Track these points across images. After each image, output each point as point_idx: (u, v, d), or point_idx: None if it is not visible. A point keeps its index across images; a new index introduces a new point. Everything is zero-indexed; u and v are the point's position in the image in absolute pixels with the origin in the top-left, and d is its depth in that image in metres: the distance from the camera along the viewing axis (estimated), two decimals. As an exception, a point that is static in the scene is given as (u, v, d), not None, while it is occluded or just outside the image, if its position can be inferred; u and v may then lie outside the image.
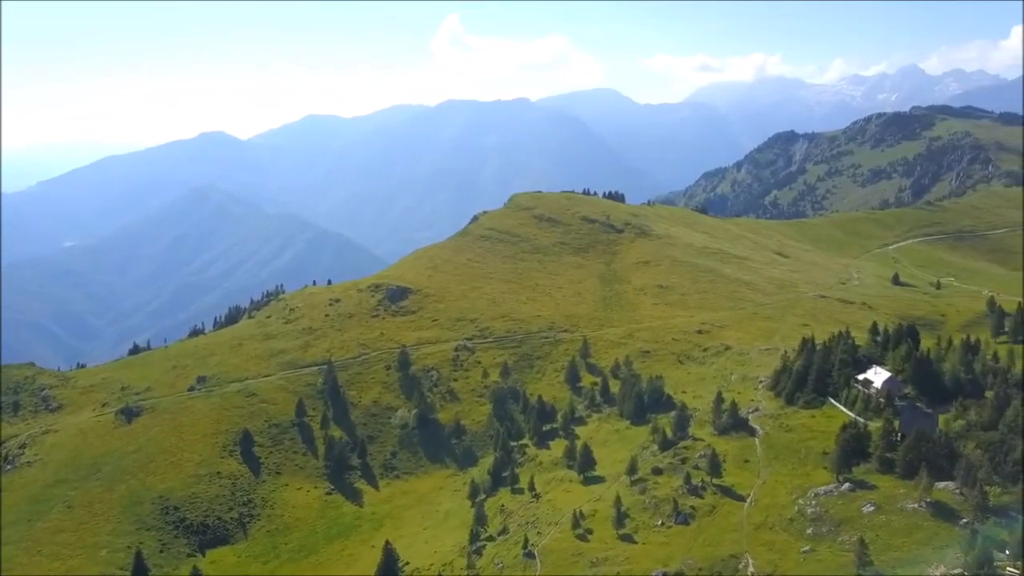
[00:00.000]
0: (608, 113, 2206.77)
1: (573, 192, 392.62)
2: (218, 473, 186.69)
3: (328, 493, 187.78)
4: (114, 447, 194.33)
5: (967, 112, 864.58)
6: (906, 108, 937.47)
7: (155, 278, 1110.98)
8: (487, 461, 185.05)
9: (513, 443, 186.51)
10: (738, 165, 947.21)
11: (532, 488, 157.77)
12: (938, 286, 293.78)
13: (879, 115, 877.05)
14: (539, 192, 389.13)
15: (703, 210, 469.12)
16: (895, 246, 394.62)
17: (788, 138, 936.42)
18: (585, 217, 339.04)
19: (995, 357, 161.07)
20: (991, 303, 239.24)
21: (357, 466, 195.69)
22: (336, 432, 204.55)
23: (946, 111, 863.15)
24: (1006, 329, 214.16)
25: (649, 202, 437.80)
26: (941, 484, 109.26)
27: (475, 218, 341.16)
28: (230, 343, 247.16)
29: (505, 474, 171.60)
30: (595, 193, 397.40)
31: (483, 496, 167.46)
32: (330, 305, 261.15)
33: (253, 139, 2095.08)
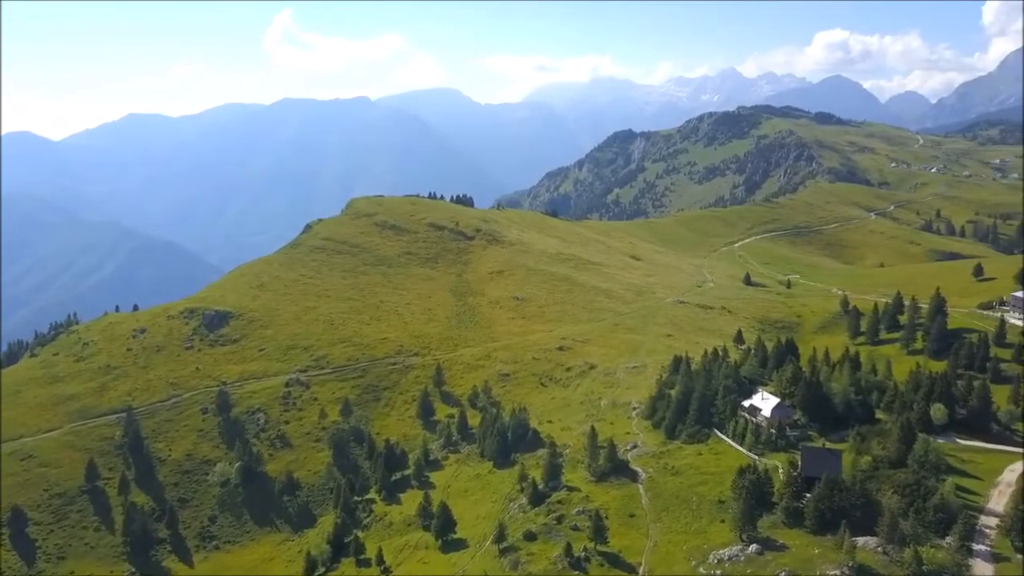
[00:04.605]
0: (449, 113, 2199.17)
1: (418, 196, 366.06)
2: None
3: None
4: None
5: (787, 112, 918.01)
6: (727, 108, 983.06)
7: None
8: (327, 522, 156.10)
9: (357, 498, 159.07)
10: (579, 164, 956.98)
11: (381, 560, 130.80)
12: (788, 285, 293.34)
13: (710, 114, 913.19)
14: (381, 196, 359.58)
15: (553, 213, 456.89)
16: (740, 243, 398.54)
17: (626, 137, 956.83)
18: (433, 224, 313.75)
19: (873, 369, 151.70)
20: (844, 303, 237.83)
21: (166, 539, 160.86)
22: (139, 497, 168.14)
23: (769, 111, 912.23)
24: (863, 330, 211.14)
25: (498, 205, 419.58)
26: (860, 540, 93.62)
27: (308, 227, 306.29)
28: (4, 390, 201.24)
29: (348, 540, 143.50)
30: (442, 197, 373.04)
31: (321, 570, 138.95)
32: (133, 337, 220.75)
33: (67, 140, 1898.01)
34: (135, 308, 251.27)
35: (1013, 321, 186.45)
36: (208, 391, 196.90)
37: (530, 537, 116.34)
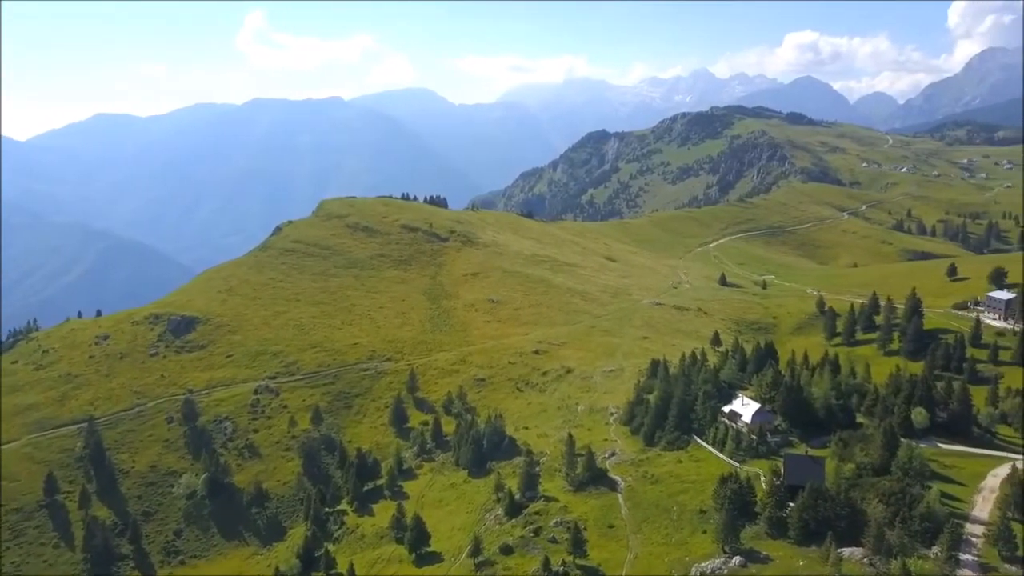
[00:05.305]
0: (423, 113, 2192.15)
1: (391, 197, 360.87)
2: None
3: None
4: None
5: (759, 112, 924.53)
6: (700, 109, 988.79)
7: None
8: (297, 534, 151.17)
9: (328, 510, 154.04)
10: (554, 164, 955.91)
11: (352, 575, 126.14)
12: (764, 286, 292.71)
13: (684, 115, 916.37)
14: (352, 198, 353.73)
15: (528, 213, 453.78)
16: (715, 244, 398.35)
17: (600, 137, 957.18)
18: (406, 225, 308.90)
19: (852, 372, 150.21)
20: (820, 303, 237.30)
21: (128, 555, 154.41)
22: (100, 511, 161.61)
23: (742, 111, 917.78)
24: (839, 331, 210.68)
25: (472, 206, 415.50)
26: (846, 551, 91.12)
27: (278, 229, 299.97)
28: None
29: (319, 553, 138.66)
30: (415, 198, 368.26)
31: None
32: (96, 344, 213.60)
33: (33, 140, 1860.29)
34: (98, 313, 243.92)
35: (988, 321, 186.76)
36: (174, 399, 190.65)
37: (507, 551, 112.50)
